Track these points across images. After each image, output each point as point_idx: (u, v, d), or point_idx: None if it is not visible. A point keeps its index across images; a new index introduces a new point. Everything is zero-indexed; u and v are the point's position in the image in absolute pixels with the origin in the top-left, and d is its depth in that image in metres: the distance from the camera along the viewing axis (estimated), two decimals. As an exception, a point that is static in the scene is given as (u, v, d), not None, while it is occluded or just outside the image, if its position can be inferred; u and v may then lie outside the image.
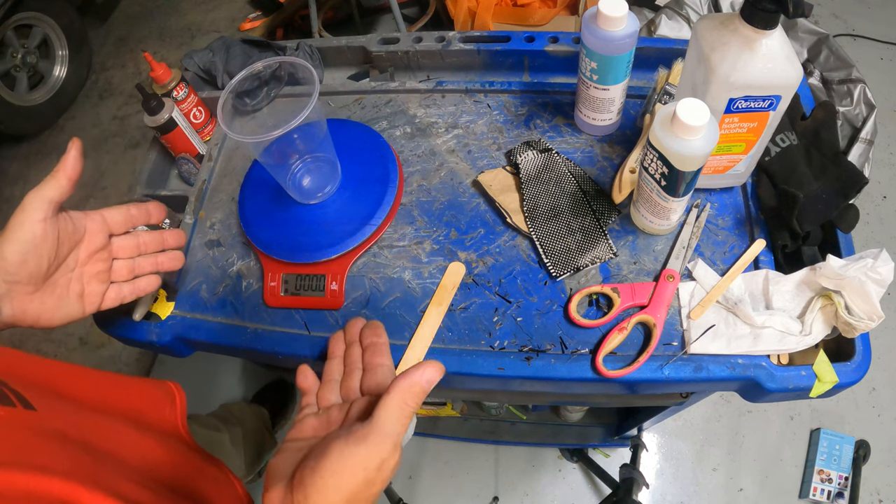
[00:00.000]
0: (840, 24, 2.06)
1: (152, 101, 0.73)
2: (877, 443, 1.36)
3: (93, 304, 0.52)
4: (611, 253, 0.63)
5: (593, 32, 0.60)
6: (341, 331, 0.51)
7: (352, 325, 0.50)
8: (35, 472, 0.32)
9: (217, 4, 2.57)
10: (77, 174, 0.48)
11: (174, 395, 0.55)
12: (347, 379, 0.47)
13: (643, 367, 0.57)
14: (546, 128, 0.74)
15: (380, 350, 0.47)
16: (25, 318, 0.48)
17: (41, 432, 0.36)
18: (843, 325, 0.55)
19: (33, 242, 0.45)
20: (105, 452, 0.40)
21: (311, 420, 0.44)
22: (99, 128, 2.23)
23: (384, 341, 0.48)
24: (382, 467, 0.36)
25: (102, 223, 0.52)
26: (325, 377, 0.48)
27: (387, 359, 0.46)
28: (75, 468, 0.36)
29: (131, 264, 0.55)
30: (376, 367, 0.46)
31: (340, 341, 0.50)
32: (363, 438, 0.35)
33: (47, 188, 0.46)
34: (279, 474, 0.37)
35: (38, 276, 0.47)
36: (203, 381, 1.60)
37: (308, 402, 0.46)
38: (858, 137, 1.49)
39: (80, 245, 0.51)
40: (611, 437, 1.29)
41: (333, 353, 0.49)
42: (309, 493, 0.34)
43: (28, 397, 0.38)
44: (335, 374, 0.48)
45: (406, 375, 0.37)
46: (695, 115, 0.49)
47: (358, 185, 0.68)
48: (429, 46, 0.81)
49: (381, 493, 0.38)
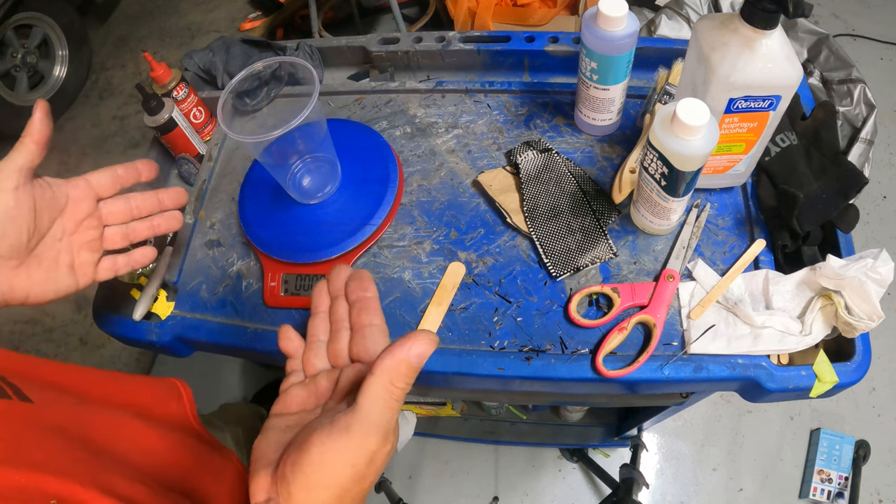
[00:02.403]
0: (840, 24, 2.06)
1: (152, 101, 0.73)
2: (877, 443, 1.36)
3: (85, 275, 0.49)
4: (611, 253, 0.63)
5: (593, 32, 0.60)
6: (324, 281, 0.43)
7: (336, 274, 0.42)
8: (29, 469, 0.32)
9: (217, 4, 2.57)
10: (45, 136, 0.45)
11: (180, 391, 0.54)
12: (334, 341, 0.40)
13: (643, 367, 0.57)
14: (546, 128, 0.74)
15: (367, 306, 0.39)
16: (14, 294, 0.45)
17: (38, 426, 0.36)
18: (843, 325, 0.55)
19: (7, 214, 0.43)
20: (104, 447, 0.40)
21: (298, 391, 0.39)
22: (99, 128, 2.23)
23: (372, 295, 0.40)
24: (373, 460, 0.32)
25: (87, 188, 0.49)
26: (310, 337, 0.41)
27: (376, 317, 0.39)
28: (71, 463, 0.35)
29: (125, 230, 0.52)
30: (364, 327, 0.39)
31: (324, 294, 0.42)
32: (346, 430, 0.31)
33: (16, 155, 0.43)
34: (264, 458, 0.34)
35: (20, 248, 0.44)
36: (203, 381, 1.60)
37: (293, 368, 0.41)
38: (858, 137, 1.49)
39: (63, 213, 0.48)
40: (611, 437, 1.29)
41: (317, 307, 0.42)
42: (292, 490, 0.31)
43: (25, 391, 0.37)
44: (320, 334, 0.41)
45: (390, 352, 0.31)
46: (695, 115, 0.49)
47: (358, 185, 0.68)
48: (429, 46, 0.81)
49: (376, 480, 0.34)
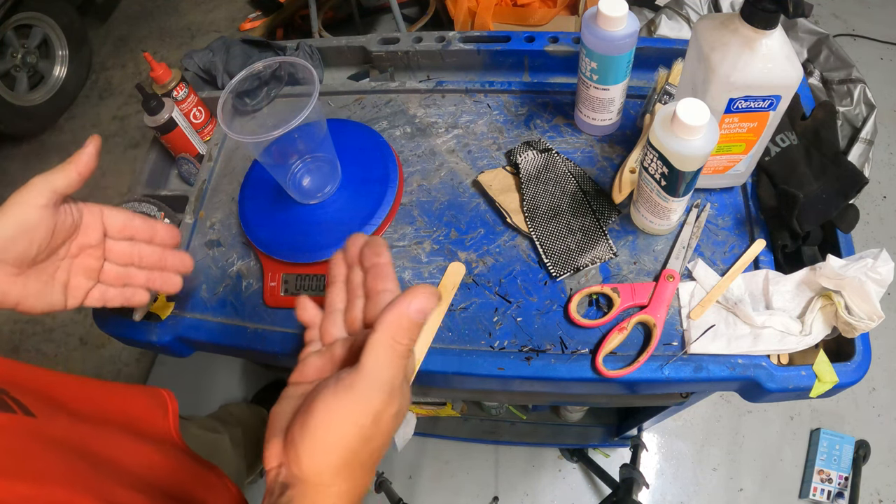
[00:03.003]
0: (840, 24, 2.06)
1: (152, 101, 0.73)
2: (877, 443, 1.36)
3: (76, 297, 0.50)
4: (611, 253, 0.63)
5: (593, 32, 0.60)
6: (341, 250, 0.43)
7: (352, 242, 0.42)
8: (34, 480, 0.32)
9: (217, 4, 2.57)
10: (89, 171, 0.46)
11: (166, 404, 0.54)
12: (350, 309, 0.40)
13: (643, 367, 0.57)
14: (546, 128, 0.74)
15: (382, 272, 0.39)
16: (6, 299, 0.45)
17: (41, 439, 0.36)
18: (843, 325, 0.55)
19: (26, 225, 0.43)
20: (103, 459, 0.40)
21: (314, 359, 0.39)
22: (99, 128, 2.23)
23: (386, 261, 0.40)
24: (379, 419, 0.31)
25: (99, 220, 0.50)
26: (328, 307, 0.41)
27: (391, 283, 0.39)
28: (74, 475, 0.36)
29: (122, 272, 0.52)
30: (378, 293, 0.39)
31: (341, 263, 0.42)
32: (349, 388, 0.31)
33: (56, 176, 0.44)
34: (277, 425, 0.34)
35: (26, 259, 0.45)
36: (203, 381, 1.60)
37: (311, 338, 0.41)
38: (858, 137, 1.49)
39: (74, 237, 0.49)
40: (611, 437, 1.29)
41: (335, 277, 0.42)
42: (301, 453, 0.31)
43: (28, 405, 0.38)
44: (338, 303, 0.41)
45: (392, 307, 0.32)
46: (695, 115, 0.49)
47: (358, 185, 0.68)
48: (429, 46, 0.81)
49: (387, 446, 0.34)
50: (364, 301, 0.40)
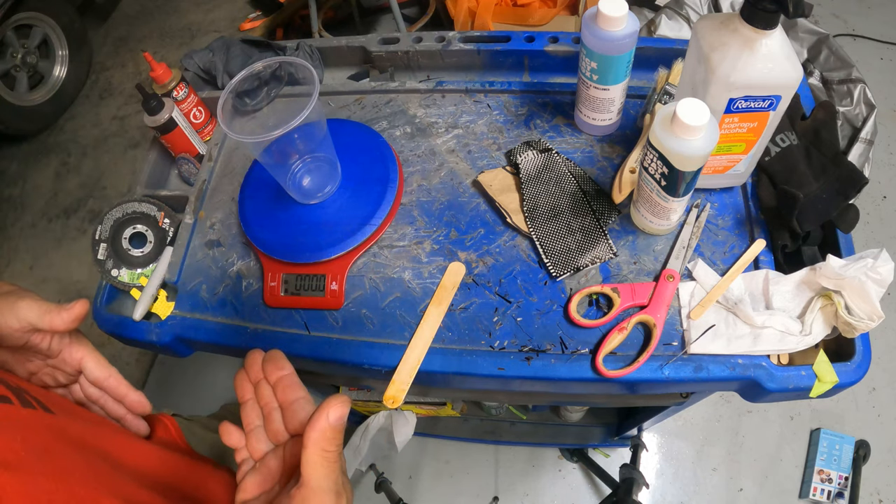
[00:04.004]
0: (840, 24, 2.06)
1: (152, 101, 0.73)
2: (877, 443, 1.36)
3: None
4: (611, 253, 0.63)
5: (593, 32, 0.60)
6: (243, 370, 0.46)
7: (251, 362, 0.45)
8: (56, 477, 0.32)
9: (217, 4, 2.57)
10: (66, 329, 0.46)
11: (167, 425, 0.55)
12: (269, 422, 0.43)
13: (643, 367, 0.57)
14: (546, 128, 0.74)
15: (289, 383, 0.42)
16: None
17: (61, 436, 0.37)
18: (843, 325, 0.55)
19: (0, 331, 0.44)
20: (119, 460, 0.41)
21: (252, 478, 0.41)
22: (99, 128, 2.23)
23: (289, 371, 0.43)
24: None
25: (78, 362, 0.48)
26: (247, 426, 0.44)
27: (300, 391, 0.43)
28: (94, 474, 0.36)
29: (83, 399, 0.51)
30: (291, 402, 0.42)
31: (246, 383, 0.45)
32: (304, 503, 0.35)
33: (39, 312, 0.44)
34: None
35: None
36: (203, 381, 1.60)
37: (242, 458, 0.44)
38: (858, 137, 1.49)
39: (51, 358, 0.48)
40: (611, 437, 1.29)
41: (244, 397, 0.45)
42: None
43: (47, 404, 0.38)
44: (255, 420, 0.44)
45: (313, 425, 0.35)
46: (695, 115, 0.49)
47: (358, 185, 0.68)
48: (429, 46, 0.81)
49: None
50: (280, 412, 0.43)
